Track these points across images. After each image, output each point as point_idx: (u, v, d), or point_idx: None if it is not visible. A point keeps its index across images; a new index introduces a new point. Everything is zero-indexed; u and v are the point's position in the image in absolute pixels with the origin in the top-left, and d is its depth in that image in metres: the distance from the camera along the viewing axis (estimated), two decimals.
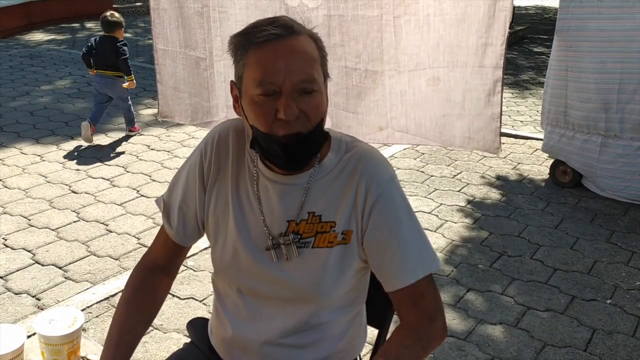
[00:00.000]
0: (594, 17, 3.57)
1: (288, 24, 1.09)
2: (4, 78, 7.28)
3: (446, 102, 2.43)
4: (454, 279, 3.01)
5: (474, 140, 2.40)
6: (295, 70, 1.06)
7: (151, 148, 4.95)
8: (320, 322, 1.22)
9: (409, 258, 1.15)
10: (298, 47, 1.07)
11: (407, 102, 2.54)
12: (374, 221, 1.15)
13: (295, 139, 1.08)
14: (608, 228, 3.57)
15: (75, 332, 1.28)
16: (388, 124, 2.65)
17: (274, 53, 1.06)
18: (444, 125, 2.47)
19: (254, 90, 1.08)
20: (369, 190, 1.15)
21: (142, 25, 11.97)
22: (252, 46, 1.08)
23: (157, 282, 1.31)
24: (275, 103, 1.07)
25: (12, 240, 3.34)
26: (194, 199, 1.26)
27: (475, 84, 2.33)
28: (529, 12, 14.75)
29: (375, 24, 2.52)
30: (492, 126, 2.33)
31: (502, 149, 2.38)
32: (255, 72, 1.07)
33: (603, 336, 2.58)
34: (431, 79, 2.44)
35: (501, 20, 2.20)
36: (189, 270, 3.04)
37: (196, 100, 3.20)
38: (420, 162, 4.63)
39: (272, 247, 1.18)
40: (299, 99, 1.07)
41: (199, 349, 1.38)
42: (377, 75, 2.58)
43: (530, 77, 7.80)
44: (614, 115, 3.67)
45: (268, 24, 1.08)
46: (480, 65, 2.28)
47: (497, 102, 2.32)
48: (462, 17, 2.28)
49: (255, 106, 1.09)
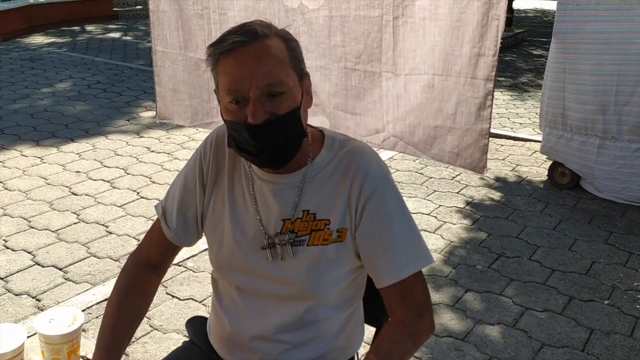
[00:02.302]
0: (591, 19, 3.59)
1: (252, 29, 1.10)
2: (5, 81, 7.31)
3: (439, 112, 2.43)
4: (452, 280, 3.02)
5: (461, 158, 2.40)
6: (260, 75, 1.07)
7: (151, 150, 4.97)
8: (317, 319, 1.23)
9: (400, 255, 1.17)
10: (263, 51, 1.09)
11: (402, 107, 2.55)
12: (367, 217, 1.17)
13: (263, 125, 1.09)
14: (606, 229, 3.58)
15: (75, 331, 1.29)
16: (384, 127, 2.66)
17: (239, 60, 1.08)
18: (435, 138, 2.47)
19: (225, 99, 1.12)
20: (362, 187, 1.16)
21: (143, 28, 12.00)
22: (221, 56, 1.10)
23: (149, 282, 1.32)
24: (246, 110, 1.09)
25: (12, 242, 3.36)
26: (194, 201, 1.27)
27: (467, 96, 2.33)
28: (528, 15, 14.79)
29: (376, 24, 2.54)
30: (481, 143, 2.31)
31: (487, 168, 2.37)
32: (224, 81, 1.10)
33: (601, 336, 2.60)
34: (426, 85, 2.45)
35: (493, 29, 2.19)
36: (189, 271, 3.06)
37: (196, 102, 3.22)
38: (420, 163, 4.64)
39: (267, 246, 1.19)
40: (267, 103, 1.09)
41: (197, 347, 1.40)
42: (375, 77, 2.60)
43: (529, 80, 7.82)
44: (611, 117, 3.69)
45: (233, 32, 1.10)
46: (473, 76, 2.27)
47: (486, 118, 2.30)
48: (456, 24, 2.28)
49: (229, 114, 1.12)
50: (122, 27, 12.25)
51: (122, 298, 1.27)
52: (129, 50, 9.48)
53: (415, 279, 1.18)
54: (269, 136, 1.10)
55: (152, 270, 1.32)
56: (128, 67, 8.29)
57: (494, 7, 2.19)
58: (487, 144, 2.32)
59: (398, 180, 4.24)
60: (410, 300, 1.18)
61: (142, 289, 1.30)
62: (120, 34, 11.36)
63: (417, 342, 1.19)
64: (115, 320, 1.24)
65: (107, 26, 12.33)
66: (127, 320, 1.25)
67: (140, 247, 1.36)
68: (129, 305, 1.26)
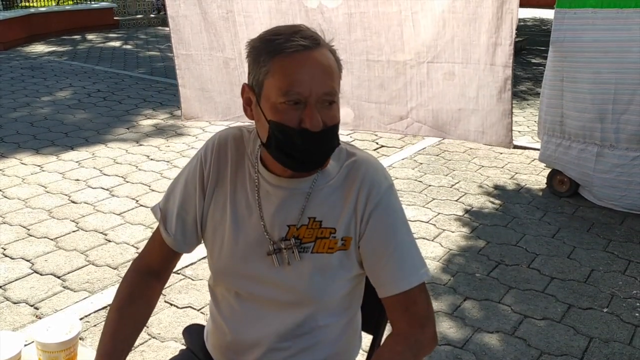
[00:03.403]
0: (588, 28, 3.61)
1: (314, 36, 1.11)
2: (5, 89, 7.33)
3: (461, 96, 2.58)
4: (451, 288, 3.02)
5: (487, 135, 2.55)
6: (320, 82, 1.08)
7: (150, 158, 4.98)
8: (316, 325, 1.23)
9: (404, 265, 1.17)
10: (323, 59, 1.10)
11: (425, 94, 2.68)
12: (372, 227, 1.17)
13: (319, 133, 1.09)
14: (605, 237, 3.58)
15: (72, 339, 1.28)
16: (408, 113, 2.76)
17: (302, 64, 1.08)
18: (459, 120, 2.61)
19: (277, 98, 1.09)
20: (368, 197, 1.17)
21: (143, 37, 12.06)
22: (278, 55, 1.08)
23: (151, 289, 1.31)
24: (298, 112, 1.08)
25: (11, 250, 3.36)
26: (194, 206, 1.26)
27: (487, 81, 2.50)
28: (527, 23, 14.85)
29: (395, 18, 2.65)
30: (504, 122, 2.47)
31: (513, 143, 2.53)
32: (280, 81, 1.08)
33: (600, 344, 2.59)
34: (447, 73, 2.61)
35: (508, 21, 2.35)
36: (187, 279, 3.05)
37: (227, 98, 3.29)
38: (419, 171, 4.65)
39: (273, 252, 1.19)
40: (321, 110, 1.09)
41: (194, 355, 1.39)
42: (399, 65, 2.70)
43: (528, 88, 7.84)
44: (609, 125, 3.70)
45: (293, 33, 1.09)
46: (492, 63, 2.44)
47: (507, 99, 2.47)
48: (473, 16, 2.44)
49: (279, 114, 1.10)
50: (122, 36, 12.31)
51: (123, 305, 1.26)
52: (129, 59, 9.52)
53: (419, 290, 1.18)
54: (321, 144, 1.11)
55: (154, 277, 1.32)
56: (128, 76, 8.33)
57: (508, 2, 2.38)
58: (511, 122, 2.51)
59: (397, 188, 4.22)
60: (413, 312, 1.18)
61: (144, 296, 1.29)
62: (120, 43, 11.41)
63: (418, 354, 1.18)
64: (115, 327, 1.23)
65: (107, 35, 12.39)
66: (128, 327, 1.24)
67: (141, 254, 1.35)
68: (130, 312, 1.26)
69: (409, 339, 1.17)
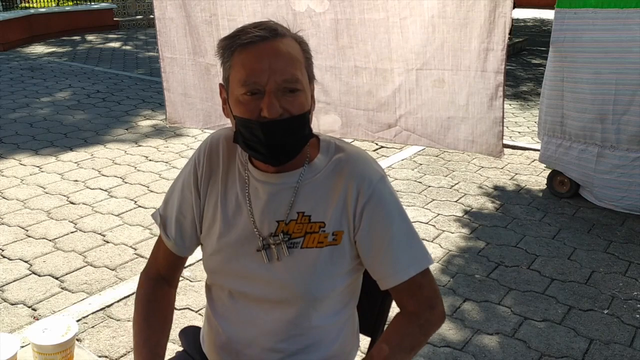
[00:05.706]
0: (589, 28, 3.60)
1: (272, 27, 1.13)
2: (4, 90, 7.32)
3: (451, 104, 2.51)
4: (450, 289, 3.01)
5: (477, 144, 2.48)
6: (279, 70, 1.09)
7: (149, 159, 4.97)
8: (311, 325, 1.22)
9: (400, 256, 1.17)
10: (282, 48, 1.11)
11: (414, 101, 2.62)
12: (366, 221, 1.17)
13: (277, 120, 1.10)
14: (605, 238, 3.57)
15: (68, 341, 1.27)
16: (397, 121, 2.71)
17: (258, 54, 1.09)
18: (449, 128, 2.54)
19: (238, 90, 1.11)
20: (360, 191, 1.16)
21: (142, 38, 12.06)
22: (237, 48, 1.11)
23: (167, 294, 1.33)
24: (260, 102, 1.10)
25: (9, 251, 3.34)
26: (191, 209, 1.28)
27: (478, 88, 2.43)
28: (527, 24, 14.85)
29: (382, 26, 2.60)
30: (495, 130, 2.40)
31: (504, 153, 2.45)
32: (240, 73, 1.11)
33: (600, 346, 2.58)
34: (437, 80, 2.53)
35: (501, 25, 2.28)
36: (185, 281, 3.04)
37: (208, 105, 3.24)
38: (418, 172, 4.64)
39: (262, 247, 1.19)
40: (282, 98, 1.10)
41: (190, 357, 1.39)
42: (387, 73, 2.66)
43: (529, 89, 7.84)
44: (609, 126, 3.69)
45: (253, 27, 1.12)
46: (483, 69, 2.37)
47: (499, 107, 2.40)
48: (464, 21, 2.37)
49: (241, 105, 1.12)
50: (122, 37, 12.31)
51: (147, 313, 1.28)
52: (128, 60, 9.51)
53: (422, 276, 1.19)
54: (281, 133, 1.11)
55: (165, 283, 1.33)
56: (127, 77, 8.32)
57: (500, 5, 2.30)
58: (502, 131, 2.43)
59: (396, 189, 4.23)
60: (420, 296, 1.20)
61: (162, 301, 1.31)
62: (120, 44, 11.41)
63: (428, 332, 1.21)
64: (145, 336, 1.24)
65: (107, 36, 12.39)
66: (157, 333, 1.25)
67: (149, 262, 1.37)
68: (155, 317, 1.27)
69: (419, 319, 1.19)
